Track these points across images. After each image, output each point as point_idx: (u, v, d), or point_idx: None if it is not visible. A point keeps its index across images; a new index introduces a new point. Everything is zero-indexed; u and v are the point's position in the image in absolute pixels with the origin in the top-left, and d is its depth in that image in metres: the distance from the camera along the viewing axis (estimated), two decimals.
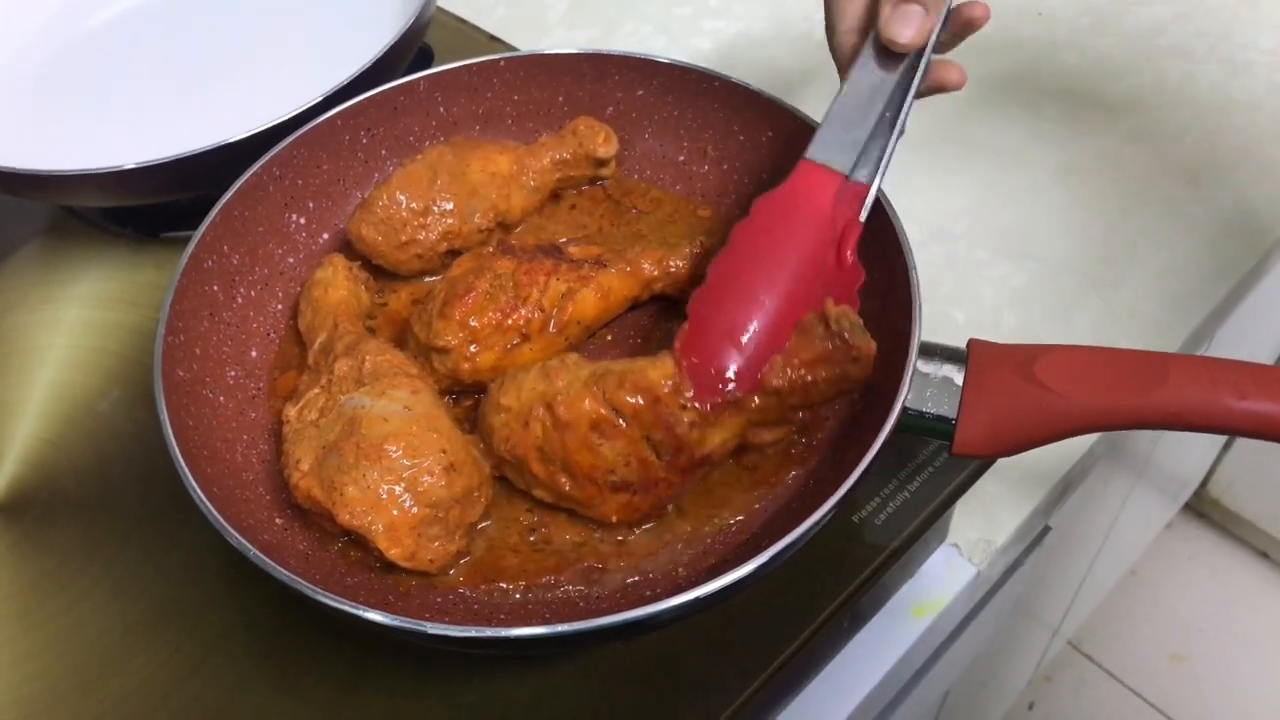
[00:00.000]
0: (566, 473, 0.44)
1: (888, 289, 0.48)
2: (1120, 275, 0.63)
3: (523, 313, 0.48)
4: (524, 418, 0.44)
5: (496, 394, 0.46)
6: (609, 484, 0.43)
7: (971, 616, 0.63)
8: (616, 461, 0.43)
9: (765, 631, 0.46)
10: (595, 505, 0.44)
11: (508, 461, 0.45)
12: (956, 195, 0.68)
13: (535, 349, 0.49)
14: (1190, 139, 0.70)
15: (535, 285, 0.48)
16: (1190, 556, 1.48)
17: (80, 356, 0.60)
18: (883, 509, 0.49)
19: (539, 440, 0.44)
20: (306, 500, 0.43)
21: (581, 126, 0.56)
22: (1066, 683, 1.39)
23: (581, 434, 0.43)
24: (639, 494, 0.44)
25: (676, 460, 0.43)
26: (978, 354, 0.43)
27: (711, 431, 0.43)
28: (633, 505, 0.44)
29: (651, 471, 0.43)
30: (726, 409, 0.43)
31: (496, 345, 0.48)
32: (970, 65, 0.76)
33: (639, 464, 0.43)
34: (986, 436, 0.42)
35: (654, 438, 0.43)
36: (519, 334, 0.48)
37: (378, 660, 0.47)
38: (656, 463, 0.43)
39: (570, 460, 0.43)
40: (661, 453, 0.43)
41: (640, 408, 0.43)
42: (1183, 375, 0.39)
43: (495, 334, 0.48)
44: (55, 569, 0.51)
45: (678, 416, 0.43)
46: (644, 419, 0.43)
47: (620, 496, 0.44)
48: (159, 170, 0.56)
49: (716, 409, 0.43)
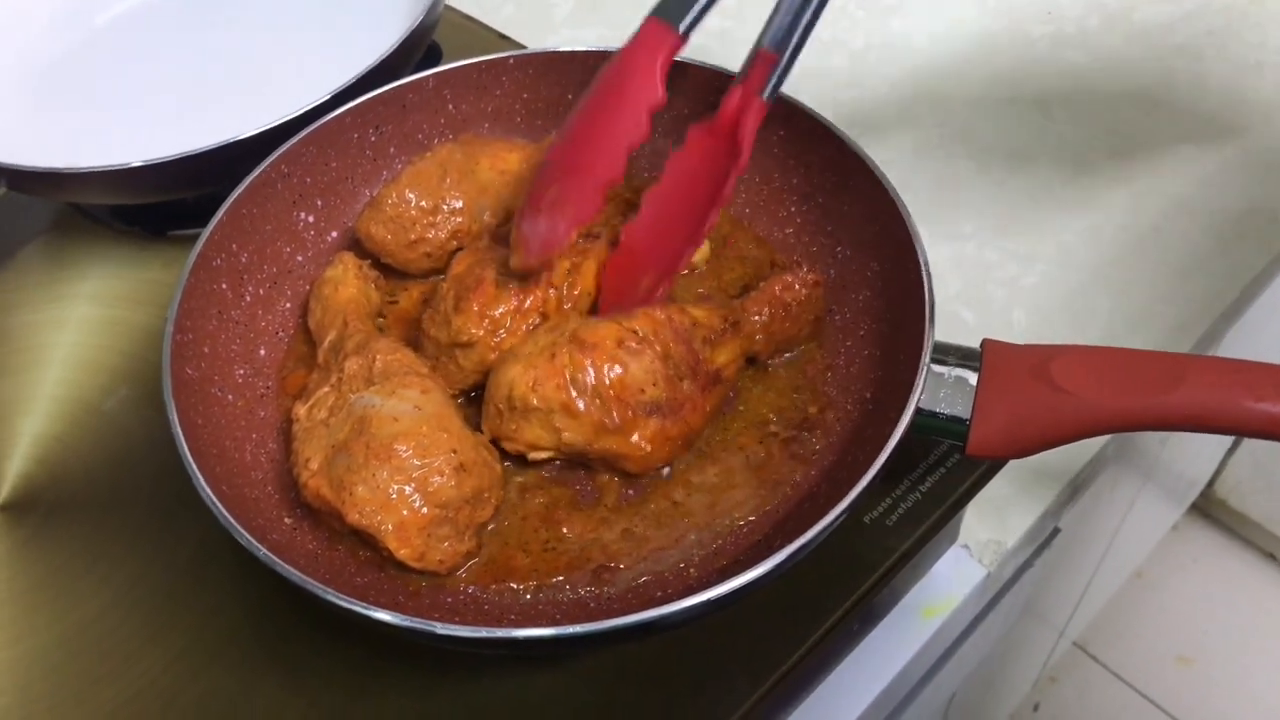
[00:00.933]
0: (598, 398, 0.43)
1: (900, 288, 0.48)
2: (1131, 275, 0.63)
3: (537, 294, 0.48)
4: (549, 351, 0.44)
5: (507, 357, 0.46)
6: (641, 406, 0.44)
7: (981, 618, 0.62)
8: (645, 380, 0.44)
9: (776, 633, 0.46)
10: (628, 434, 0.44)
11: (533, 410, 0.44)
12: (966, 194, 0.68)
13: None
14: (1201, 138, 0.70)
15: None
16: (1196, 558, 1.48)
17: (87, 355, 0.60)
18: (894, 510, 0.49)
19: (566, 367, 0.43)
20: (315, 499, 0.42)
21: None
22: (1072, 684, 1.39)
23: (609, 351, 0.43)
24: (669, 417, 0.44)
25: (696, 377, 0.45)
26: (992, 354, 0.43)
27: (719, 350, 0.46)
28: (665, 432, 0.44)
29: (677, 390, 0.44)
30: (727, 332, 0.47)
31: (519, 330, 0.48)
32: (980, 63, 0.76)
33: (665, 381, 0.44)
34: (1001, 438, 0.42)
35: (673, 353, 0.44)
36: (538, 314, 0.48)
37: (387, 660, 0.46)
38: (678, 381, 0.44)
39: (600, 382, 0.43)
40: (681, 369, 0.44)
41: (658, 322, 0.45)
42: (1199, 376, 0.39)
43: (517, 318, 0.48)
44: (62, 568, 0.51)
45: (690, 330, 0.45)
46: (662, 334, 0.44)
47: (653, 422, 0.44)
48: (166, 168, 0.56)
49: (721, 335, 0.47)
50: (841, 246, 0.53)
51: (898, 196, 0.48)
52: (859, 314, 0.51)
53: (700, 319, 0.46)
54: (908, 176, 0.55)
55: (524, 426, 0.45)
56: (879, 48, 0.77)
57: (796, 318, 0.49)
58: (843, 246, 0.53)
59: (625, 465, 0.45)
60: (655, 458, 0.45)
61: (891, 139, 0.71)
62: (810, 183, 0.54)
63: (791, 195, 0.55)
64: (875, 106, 0.73)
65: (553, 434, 0.45)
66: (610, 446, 0.44)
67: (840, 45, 0.77)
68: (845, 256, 0.52)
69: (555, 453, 0.46)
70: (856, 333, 0.50)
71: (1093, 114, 0.71)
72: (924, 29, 0.78)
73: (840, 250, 0.53)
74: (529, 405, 0.44)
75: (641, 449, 0.44)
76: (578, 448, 0.45)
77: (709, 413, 0.46)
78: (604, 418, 0.44)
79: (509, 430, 0.45)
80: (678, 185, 0.47)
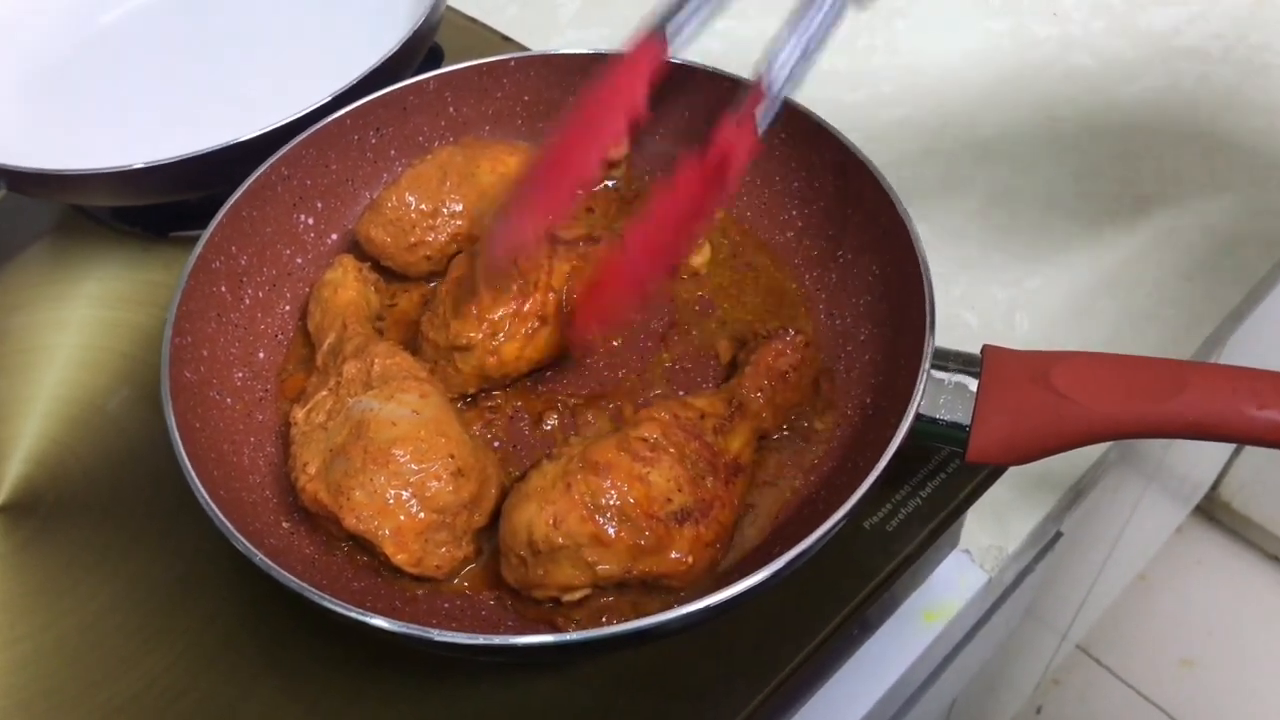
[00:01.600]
0: (626, 519, 0.41)
1: (900, 292, 0.48)
2: (1135, 278, 0.63)
3: (536, 297, 0.48)
4: (562, 482, 0.42)
5: (514, 497, 0.43)
6: (671, 516, 0.41)
7: (982, 622, 0.62)
8: (669, 487, 0.42)
9: (775, 638, 0.46)
10: (666, 551, 0.41)
11: (559, 549, 0.41)
12: (969, 196, 0.67)
13: (554, 331, 0.49)
14: (1206, 141, 0.69)
15: (540, 269, 0.48)
16: (1200, 560, 1.47)
17: (88, 356, 0.60)
18: (894, 516, 0.49)
19: (586, 495, 0.41)
20: (313, 504, 0.42)
21: None
22: (1075, 687, 1.39)
23: (626, 467, 0.41)
24: (701, 521, 0.42)
25: (716, 471, 0.43)
26: (992, 360, 0.43)
27: (730, 437, 0.44)
28: (700, 538, 0.42)
29: (701, 490, 0.42)
30: (735, 416, 0.44)
31: (518, 333, 0.48)
32: (984, 65, 0.75)
33: (689, 483, 0.42)
34: (1001, 444, 0.41)
35: (689, 452, 0.43)
36: (537, 318, 0.48)
37: (385, 665, 0.46)
38: (701, 480, 0.43)
39: (625, 502, 0.41)
40: (701, 467, 0.43)
41: (665, 424, 0.43)
42: (1202, 384, 0.39)
43: (515, 322, 0.48)
44: (61, 571, 0.51)
45: (698, 424, 0.43)
46: (673, 435, 0.43)
47: (687, 530, 0.42)
48: (167, 170, 0.56)
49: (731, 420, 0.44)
50: (843, 250, 0.52)
51: (899, 200, 0.48)
52: (859, 318, 0.50)
53: (705, 408, 0.45)
54: (910, 179, 0.54)
55: (553, 570, 0.42)
56: (883, 50, 0.77)
57: (795, 384, 0.48)
58: (844, 250, 0.52)
59: (670, 583, 0.42)
60: (698, 568, 0.42)
61: (894, 141, 0.70)
62: (812, 186, 0.54)
63: (793, 198, 0.55)
64: (877, 109, 0.73)
65: (586, 570, 0.41)
66: (650, 568, 0.41)
67: (843, 48, 0.77)
68: (846, 260, 0.52)
69: (591, 588, 0.42)
70: (857, 337, 0.50)
71: (1098, 117, 0.71)
72: (928, 31, 0.78)
73: (841, 254, 0.52)
74: (554, 545, 0.41)
75: (683, 563, 0.41)
76: (615, 577, 0.42)
77: (738, 506, 0.44)
78: (637, 539, 0.41)
79: (536, 577, 0.42)
80: (661, 212, 0.46)
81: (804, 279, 0.54)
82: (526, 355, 0.49)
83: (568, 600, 0.42)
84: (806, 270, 0.54)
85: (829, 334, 0.51)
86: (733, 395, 0.46)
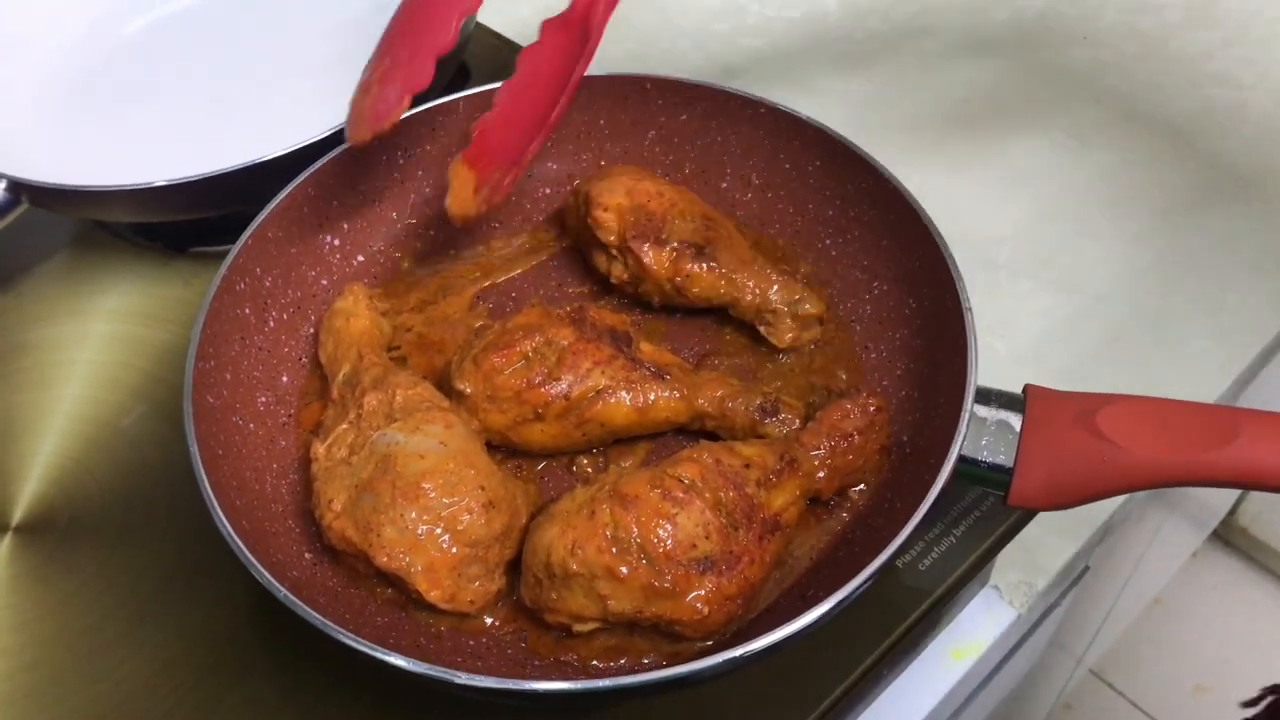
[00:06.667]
0: (645, 558, 0.40)
1: (938, 327, 0.47)
2: (1168, 307, 0.62)
3: (546, 391, 0.45)
4: (588, 509, 0.41)
5: (542, 516, 0.43)
6: (693, 562, 0.40)
7: (1008, 658, 0.61)
8: (696, 533, 0.40)
9: (804, 682, 0.45)
10: (682, 596, 0.40)
11: (574, 576, 0.40)
12: (999, 223, 0.66)
13: (547, 431, 0.46)
14: (1240, 168, 0.68)
15: (575, 370, 0.46)
16: (1216, 585, 1.46)
17: (105, 372, 0.59)
18: (926, 554, 0.48)
19: (609, 525, 0.40)
20: (340, 542, 0.41)
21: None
22: (1087, 711, 1.37)
23: (654, 504, 0.40)
24: (725, 574, 0.40)
25: (751, 525, 0.41)
26: (1036, 401, 0.42)
27: (775, 492, 0.42)
28: (722, 591, 0.40)
29: (731, 542, 0.41)
30: (784, 471, 0.43)
31: (510, 411, 0.46)
32: (1015, 90, 0.74)
33: (718, 534, 0.41)
34: (1044, 488, 0.40)
35: (724, 501, 0.41)
36: (534, 411, 0.46)
37: (406, 703, 0.45)
38: (733, 531, 0.41)
39: (647, 540, 0.40)
40: (735, 517, 0.41)
41: (705, 466, 0.41)
42: (1255, 431, 0.37)
43: (511, 400, 0.46)
44: (76, 593, 0.50)
45: (742, 473, 0.42)
46: (710, 480, 0.41)
47: (708, 581, 0.40)
48: (189, 187, 0.55)
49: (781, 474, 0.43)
50: (878, 281, 0.51)
51: (937, 231, 0.47)
52: (895, 352, 0.49)
53: (753, 458, 0.43)
54: (940, 200, 0.53)
55: (566, 596, 0.41)
56: (910, 62, 0.76)
57: (860, 449, 0.45)
58: (879, 281, 0.51)
59: (681, 631, 0.41)
60: (713, 621, 0.40)
61: (926, 163, 0.69)
62: (846, 215, 0.53)
63: (826, 227, 0.54)
64: (910, 136, 0.72)
65: (597, 602, 0.40)
66: (663, 612, 0.40)
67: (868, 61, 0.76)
68: (881, 292, 0.51)
69: (602, 623, 0.41)
70: (893, 372, 0.49)
71: (1129, 142, 0.70)
72: (956, 46, 0.77)
73: (877, 285, 0.51)
74: (569, 571, 0.40)
75: (698, 612, 0.40)
76: (626, 615, 0.41)
77: (769, 564, 0.42)
78: (653, 580, 0.40)
79: (550, 600, 0.41)
80: (530, 78, 0.44)
81: (838, 310, 0.52)
82: (510, 438, 0.47)
83: (578, 630, 0.41)
84: (840, 301, 0.52)
85: (864, 368, 0.50)
86: (787, 449, 0.44)
